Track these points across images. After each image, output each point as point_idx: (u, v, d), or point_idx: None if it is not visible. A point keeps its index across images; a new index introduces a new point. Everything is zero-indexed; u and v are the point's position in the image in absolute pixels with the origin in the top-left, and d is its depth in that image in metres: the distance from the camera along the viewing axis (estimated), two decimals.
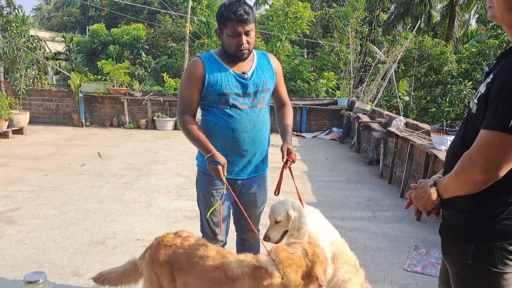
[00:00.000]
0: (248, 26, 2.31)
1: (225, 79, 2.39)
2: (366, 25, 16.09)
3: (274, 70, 2.57)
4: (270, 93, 2.57)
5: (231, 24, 2.29)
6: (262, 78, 2.48)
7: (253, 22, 2.34)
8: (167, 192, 5.61)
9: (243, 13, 2.27)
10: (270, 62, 2.57)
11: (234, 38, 2.32)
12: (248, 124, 2.45)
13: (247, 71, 2.44)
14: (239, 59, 2.41)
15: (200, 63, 2.41)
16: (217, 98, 2.40)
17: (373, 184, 6.44)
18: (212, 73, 2.39)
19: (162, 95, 12.32)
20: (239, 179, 2.56)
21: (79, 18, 31.64)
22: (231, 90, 2.40)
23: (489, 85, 1.42)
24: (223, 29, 2.36)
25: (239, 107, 2.42)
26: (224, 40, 2.38)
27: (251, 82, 2.44)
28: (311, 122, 12.34)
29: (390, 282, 3.33)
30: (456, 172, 1.48)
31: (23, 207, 4.84)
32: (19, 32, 11.73)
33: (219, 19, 2.36)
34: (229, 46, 2.36)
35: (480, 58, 12.12)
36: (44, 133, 10.66)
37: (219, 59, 2.45)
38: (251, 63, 2.48)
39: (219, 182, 2.46)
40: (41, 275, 2.45)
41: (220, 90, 2.39)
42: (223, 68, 2.42)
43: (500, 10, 1.44)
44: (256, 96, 2.46)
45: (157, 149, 8.85)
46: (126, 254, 3.66)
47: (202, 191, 2.60)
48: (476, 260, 1.52)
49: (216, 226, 2.57)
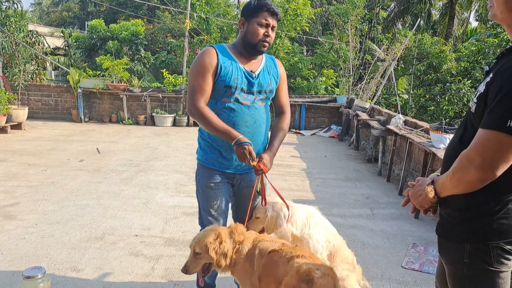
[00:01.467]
0: (276, 21, 2.43)
1: (235, 72, 2.43)
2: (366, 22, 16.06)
3: (279, 75, 2.62)
4: (272, 94, 2.60)
5: (263, 14, 2.38)
6: (267, 80, 2.53)
7: (279, 20, 2.46)
8: (166, 188, 5.62)
9: (275, 8, 2.40)
10: (276, 66, 2.62)
11: (262, 28, 2.38)
12: (249, 119, 2.47)
13: (255, 70, 2.49)
14: (257, 52, 2.45)
15: (214, 52, 2.42)
16: (223, 90, 2.42)
17: (372, 182, 6.45)
18: (225, 63, 2.41)
19: (161, 91, 12.32)
20: (237, 173, 2.59)
21: (78, 13, 31.50)
22: (238, 84, 2.43)
23: (489, 84, 1.42)
24: (251, 18, 2.40)
25: (242, 101, 2.45)
26: (249, 30, 2.40)
27: (257, 81, 2.48)
28: (310, 120, 12.35)
29: (387, 279, 3.34)
30: (453, 171, 1.49)
31: (22, 202, 4.84)
32: (18, 27, 11.72)
33: (249, 8, 2.42)
34: (254, 35, 2.39)
35: (479, 56, 12.14)
36: (42, 128, 10.65)
37: (231, 53, 2.48)
38: (259, 64, 2.53)
39: (217, 175, 2.53)
40: (40, 270, 2.45)
41: (228, 83, 2.41)
42: (234, 62, 2.45)
43: (500, 9, 1.44)
44: (258, 94, 2.51)
45: (156, 145, 8.85)
46: (125, 250, 3.68)
47: (200, 184, 2.62)
48: (473, 259, 1.53)
49: (214, 219, 2.59)
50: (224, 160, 2.52)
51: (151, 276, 3.24)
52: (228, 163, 2.52)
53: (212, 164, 2.55)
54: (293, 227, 2.56)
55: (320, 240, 2.57)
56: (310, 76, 14.78)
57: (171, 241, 3.91)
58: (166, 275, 3.27)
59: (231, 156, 2.50)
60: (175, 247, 3.78)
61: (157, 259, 3.53)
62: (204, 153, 2.57)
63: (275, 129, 2.65)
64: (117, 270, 3.31)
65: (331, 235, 2.68)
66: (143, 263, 3.45)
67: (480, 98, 1.45)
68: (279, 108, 2.70)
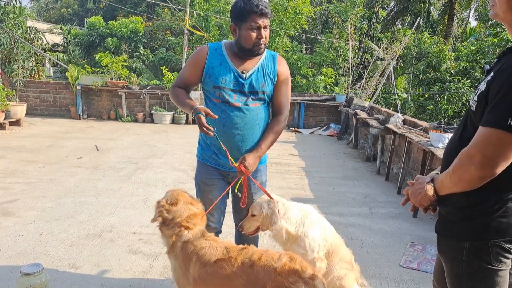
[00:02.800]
0: (267, 20, 2.37)
1: (223, 73, 2.42)
2: (366, 21, 16.06)
3: (277, 73, 2.52)
4: (268, 95, 2.53)
5: (252, 17, 2.31)
6: (261, 81, 2.46)
7: (270, 17, 2.39)
8: (164, 186, 5.61)
9: (264, 7, 2.31)
10: (275, 65, 2.53)
11: (254, 32, 2.34)
12: (239, 121, 2.45)
13: (247, 71, 2.44)
14: (255, 54, 2.43)
15: (205, 51, 2.46)
16: (213, 90, 2.45)
17: (370, 180, 6.46)
18: (212, 64, 2.43)
19: (160, 89, 12.29)
20: (231, 171, 2.60)
21: (77, 10, 31.43)
22: (226, 85, 2.42)
23: (490, 82, 1.42)
24: (241, 24, 2.35)
25: (232, 103, 2.43)
26: (242, 35, 2.37)
27: (248, 82, 2.44)
28: (309, 118, 12.35)
29: (386, 278, 3.35)
30: (453, 169, 1.49)
31: (20, 199, 4.83)
32: (16, 23, 11.67)
33: (237, 13, 2.35)
34: (247, 40, 2.36)
35: (478, 56, 12.15)
36: (41, 125, 10.63)
37: (226, 53, 2.47)
38: (255, 63, 2.47)
39: (212, 172, 2.58)
40: (37, 267, 2.46)
41: (215, 83, 2.43)
42: (224, 62, 2.44)
43: (502, 9, 1.44)
44: (251, 95, 2.46)
45: (155, 142, 8.84)
46: (123, 247, 3.67)
47: (197, 179, 2.69)
48: (471, 257, 1.53)
49: (209, 214, 2.58)
50: (218, 158, 2.56)
51: (149, 273, 3.24)
52: (222, 161, 2.55)
53: (208, 160, 2.60)
54: (288, 224, 2.55)
55: (316, 238, 2.56)
56: (309, 75, 14.77)
57: None
58: (164, 272, 3.26)
59: (224, 155, 2.50)
60: None
61: (156, 256, 3.53)
62: (202, 149, 2.64)
63: (266, 130, 2.55)
64: (115, 267, 3.31)
65: (329, 233, 2.67)
66: (141, 260, 3.45)
67: (481, 96, 1.45)
68: (275, 109, 2.62)
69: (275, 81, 2.53)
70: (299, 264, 2.04)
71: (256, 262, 2.06)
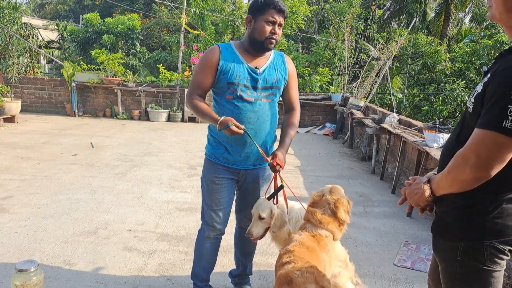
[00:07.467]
0: (283, 19, 2.45)
1: (237, 69, 2.46)
2: (362, 21, 16.08)
3: (287, 71, 2.63)
4: (279, 91, 2.62)
5: (270, 11, 2.40)
6: (273, 76, 2.54)
7: (285, 17, 2.48)
8: (159, 183, 5.61)
9: (283, 5, 2.42)
10: (285, 63, 2.63)
11: (269, 25, 2.41)
12: (252, 115, 2.49)
13: (260, 67, 2.51)
14: (264, 49, 2.49)
15: (217, 50, 2.49)
16: (226, 86, 2.47)
17: (365, 180, 6.48)
18: (226, 61, 2.47)
19: (156, 86, 12.26)
20: (242, 169, 2.62)
21: (73, 6, 31.26)
22: (241, 81, 2.46)
23: (486, 84, 1.43)
24: (258, 16, 2.43)
25: (245, 98, 2.48)
26: (257, 27, 2.43)
27: (262, 77, 2.50)
28: (304, 117, 12.37)
29: (380, 277, 3.37)
30: (449, 170, 1.50)
31: (15, 196, 4.81)
32: (11, 19, 11.59)
33: (256, 5, 2.44)
34: (261, 32, 2.43)
35: (473, 57, 12.22)
36: (36, 121, 10.57)
37: (237, 51, 2.52)
38: (266, 60, 2.55)
39: (221, 170, 2.59)
40: (32, 264, 2.45)
41: (230, 79, 2.45)
42: (237, 59, 2.49)
43: (498, 10, 1.45)
44: (264, 91, 2.52)
45: (150, 140, 8.82)
46: (118, 245, 3.67)
47: (205, 178, 2.67)
48: (466, 257, 1.54)
49: (215, 214, 2.62)
50: (229, 156, 2.56)
51: (144, 271, 3.24)
52: (233, 159, 2.56)
53: (218, 159, 2.60)
54: (289, 224, 2.57)
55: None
56: (305, 74, 14.78)
57: (164, 236, 3.91)
58: (159, 270, 3.26)
59: (237, 152, 2.54)
60: (168, 242, 3.78)
61: (151, 254, 3.53)
62: (211, 148, 2.63)
63: (285, 125, 2.68)
64: (110, 264, 3.31)
65: None
66: (136, 258, 3.45)
67: (477, 98, 1.46)
68: (288, 105, 2.74)
69: (286, 78, 2.63)
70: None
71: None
